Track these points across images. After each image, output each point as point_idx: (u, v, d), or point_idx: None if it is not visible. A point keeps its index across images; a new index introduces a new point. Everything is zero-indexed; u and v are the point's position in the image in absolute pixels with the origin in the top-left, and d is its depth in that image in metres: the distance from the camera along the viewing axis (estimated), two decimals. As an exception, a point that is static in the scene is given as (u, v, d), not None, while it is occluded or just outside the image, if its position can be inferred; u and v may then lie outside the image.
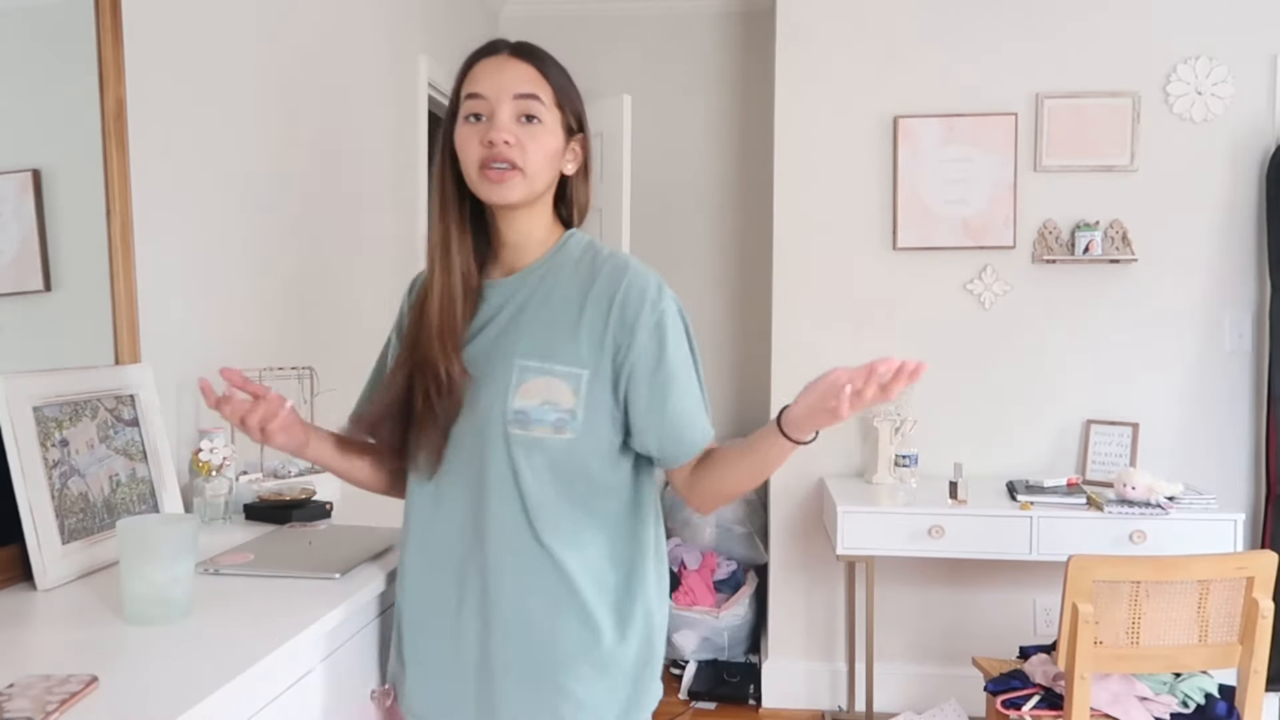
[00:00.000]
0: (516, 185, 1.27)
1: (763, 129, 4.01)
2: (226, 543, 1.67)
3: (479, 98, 1.27)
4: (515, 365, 1.27)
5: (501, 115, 1.26)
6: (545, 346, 1.27)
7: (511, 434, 1.26)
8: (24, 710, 0.94)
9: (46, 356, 1.54)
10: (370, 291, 2.84)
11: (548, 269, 1.33)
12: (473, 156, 1.27)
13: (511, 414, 1.26)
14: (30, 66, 1.56)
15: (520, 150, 1.26)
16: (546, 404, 1.26)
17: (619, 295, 1.28)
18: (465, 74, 1.31)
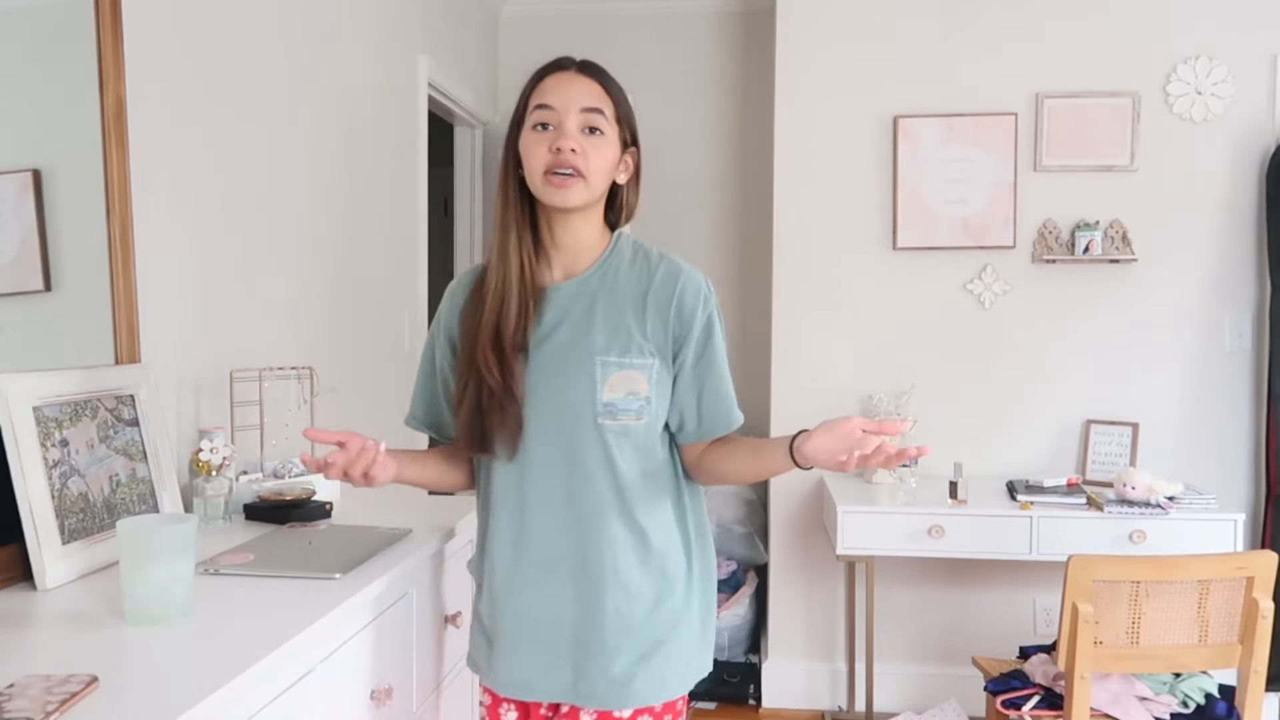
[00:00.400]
0: (578, 190, 1.38)
1: (763, 129, 4.01)
2: (226, 543, 1.67)
3: (548, 108, 1.40)
4: (596, 361, 1.40)
5: (569, 125, 1.38)
6: (620, 342, 1.41)
7: (602, 425, 1.40)
8: (24, 710, 0.94)
9: (46, 356, 1.54)
10: (370, 291, 2.84)
11: (607, 269, 1.46)
12: (539, 162, 1.38)
13: (601, 407, 1.40)
14: (30, 66, 1.56)
15: (584, 158, 1.38)
16: (630, 395, 1.40)
17: (677, 291, 1.44)
18: (534, 87, 1.44)
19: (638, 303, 1.43)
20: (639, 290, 1.44)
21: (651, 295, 1.43)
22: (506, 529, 1.46)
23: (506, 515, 1.46)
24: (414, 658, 1.70)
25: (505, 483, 1.46)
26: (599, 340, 1.41)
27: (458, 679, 1.98)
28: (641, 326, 1.42)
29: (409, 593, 1.67)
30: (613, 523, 1.43)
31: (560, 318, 1.43)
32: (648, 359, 1.41)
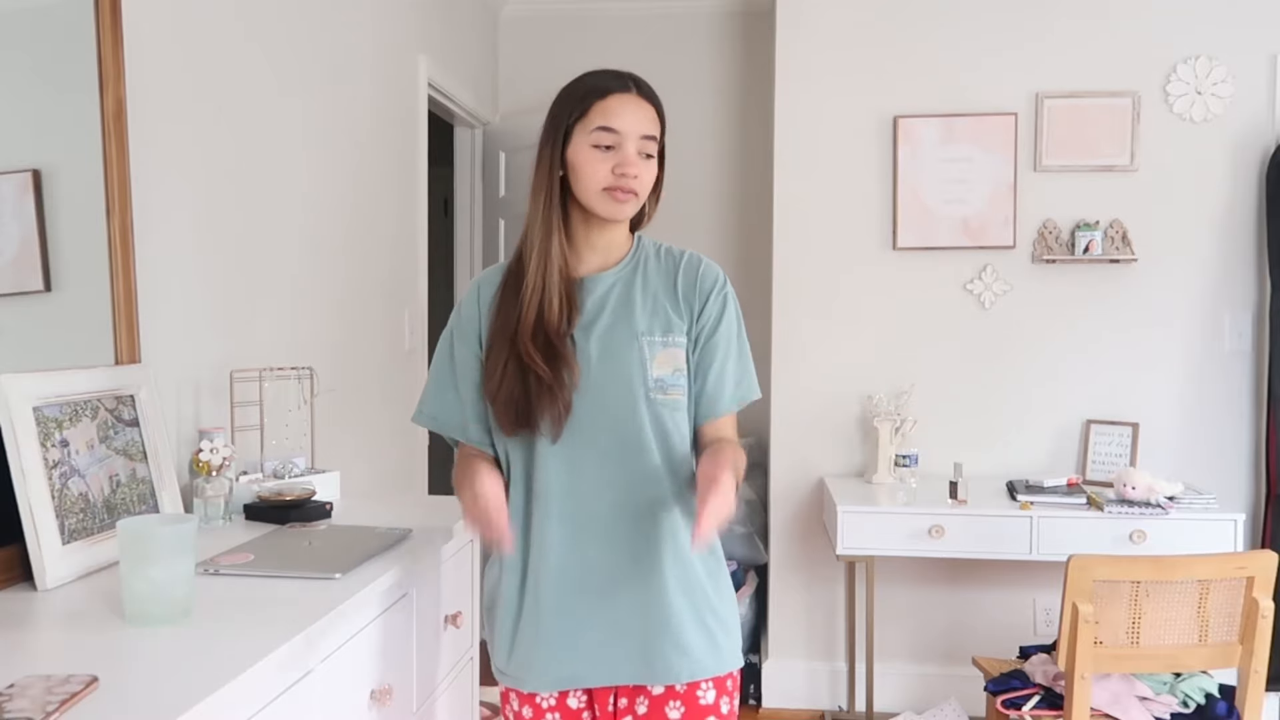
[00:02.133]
0: (632, 206, 1.51)
1: (763, 129, 4.01)
2: (226, 543, 1.67)
3: (612, 132, 1.47)
4: (642, 341, 1.49)
5: (629, 150, 1.48)
6: (660, 323, 1.51)
7: (654, 399, 1.49)
8: (24, 710, 0.94)
9: (46, 356, 1.54)
10: (370, 291, 2.84)
11: (637, 262, 1.56)
12: (599, 180, 1.47)
13: (653, 382, 1.49)
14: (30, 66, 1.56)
15: (640, 182, 1.49)
16: (676, 371, 1.50)
17: (698, 276, 1.55)
18: (595, 103, 1.48)
19: (669, 288, 1.54)
20: (669, 278, 1.55)
21: (680, 281, 1.55)
22: (559, 512, 1.48)
23: (557, 499, 1.48)
24: (414, 658, 1.70)
25: (552, 465, 1.48)
26: (641, 323, 1.50)
27: (458, 679, 1.98)
28: (676, 309, 1.53)
29: (409, 593, 1.67)
30: (667, 494, 1.49)
31: (601, 305, 1.52)
32: (681, 337, 1.52)
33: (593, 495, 1.48)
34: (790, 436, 3.47)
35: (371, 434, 2.84)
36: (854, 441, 3.44)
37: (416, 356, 3.20)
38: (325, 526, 1.81)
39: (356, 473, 2.64)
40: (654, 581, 1.48)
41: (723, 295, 1.56)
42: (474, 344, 1.54)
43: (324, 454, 2.34)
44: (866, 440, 3.40)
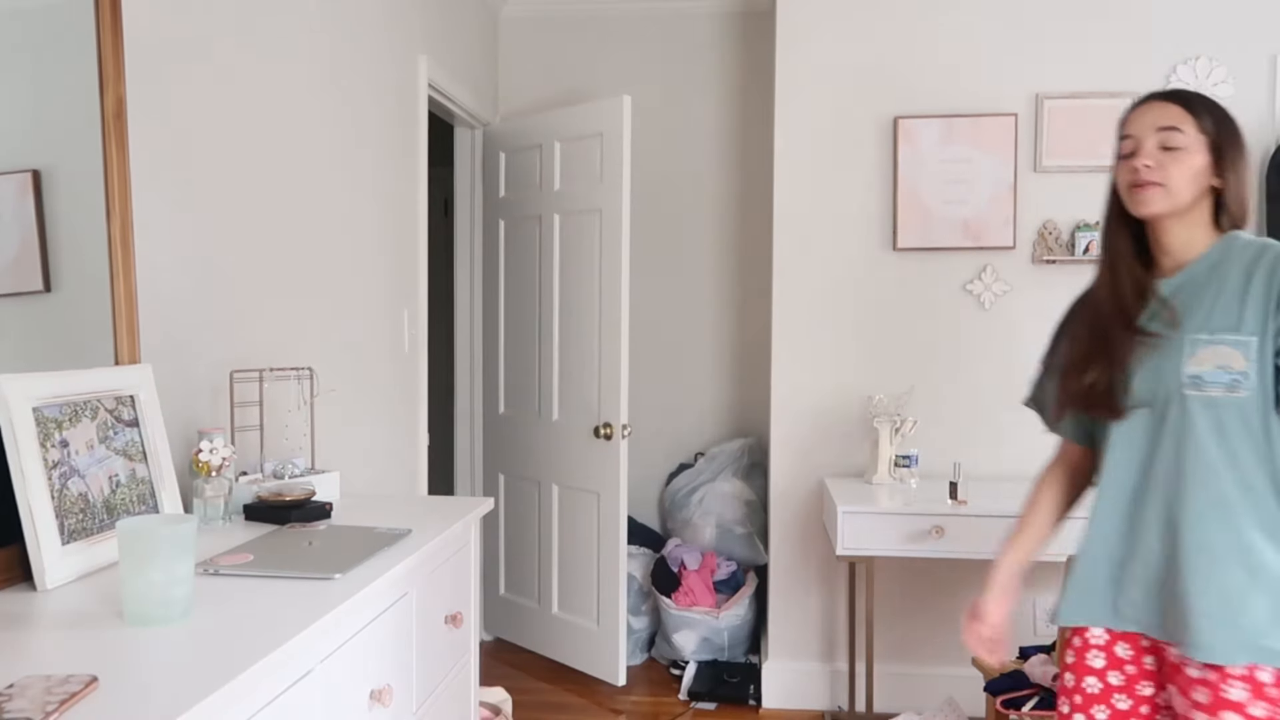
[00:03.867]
0: (1157, 198, 1.54)
1: (763, 129, 4.01)
2: (226, 543, 1.67)
3: (1129, 137, 1.58)
4: (1188, 340, 1.52)
5: (1146, 145, 1.56)
6: (1213, 321, 1.51)
7: (1187, 395, 1.51)
8: (24, 710, 0.94)
9: (46, 357, 1.54)
10: (371, 291, 2.84)
11: (1216, 261, 1.56)
12: (1123, 182, 1.59)
13: (1186, 378, 1.51)
14: (30, 66, 1.56)
15: (1161, 171, 1.54)
16: (1219, 368, 1.49)
17: (1265, 256, 1.52)
18: (1122, 123, 1.61)
19: (1239, 283, 1.52)
20: (1242, 272, 1.53)
21: (1253, 272, 1.52)
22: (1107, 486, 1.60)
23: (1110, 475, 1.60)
24: (414, 658, 1.70)
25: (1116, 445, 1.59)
26: (1193, 321, 1.53)
27: (458, 679, 1.98)
28: (1240, 303, 1.51)
29: (409, 593, 1.67)
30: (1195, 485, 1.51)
31: (1162, 305, 1.57)
32: (1244, 336, 1.49)
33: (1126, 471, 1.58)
34: (790, 436, 3.47)
35: (371, 434, 2.84)
36: (854, 442, 3.44)
37: (417, 356, 3.21)
38: (325, 527, 1.81)
39: (356, 473, 2.64)
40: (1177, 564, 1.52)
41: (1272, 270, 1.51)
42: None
43: (324, 454, 2.34)
44: (866, 440, 3.40)
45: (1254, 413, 1.50)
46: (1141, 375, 1.56)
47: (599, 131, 3.50)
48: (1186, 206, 1.57)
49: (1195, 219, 1.59)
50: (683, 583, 3.69)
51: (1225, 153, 1.60)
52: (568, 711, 3.40)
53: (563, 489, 3.72)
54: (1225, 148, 1.60)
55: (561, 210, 3.66)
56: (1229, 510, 1.49)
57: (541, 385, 3.78)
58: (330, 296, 2.57)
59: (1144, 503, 1.57)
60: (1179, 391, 1.52)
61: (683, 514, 3.88)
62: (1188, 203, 1.56)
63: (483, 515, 2.03)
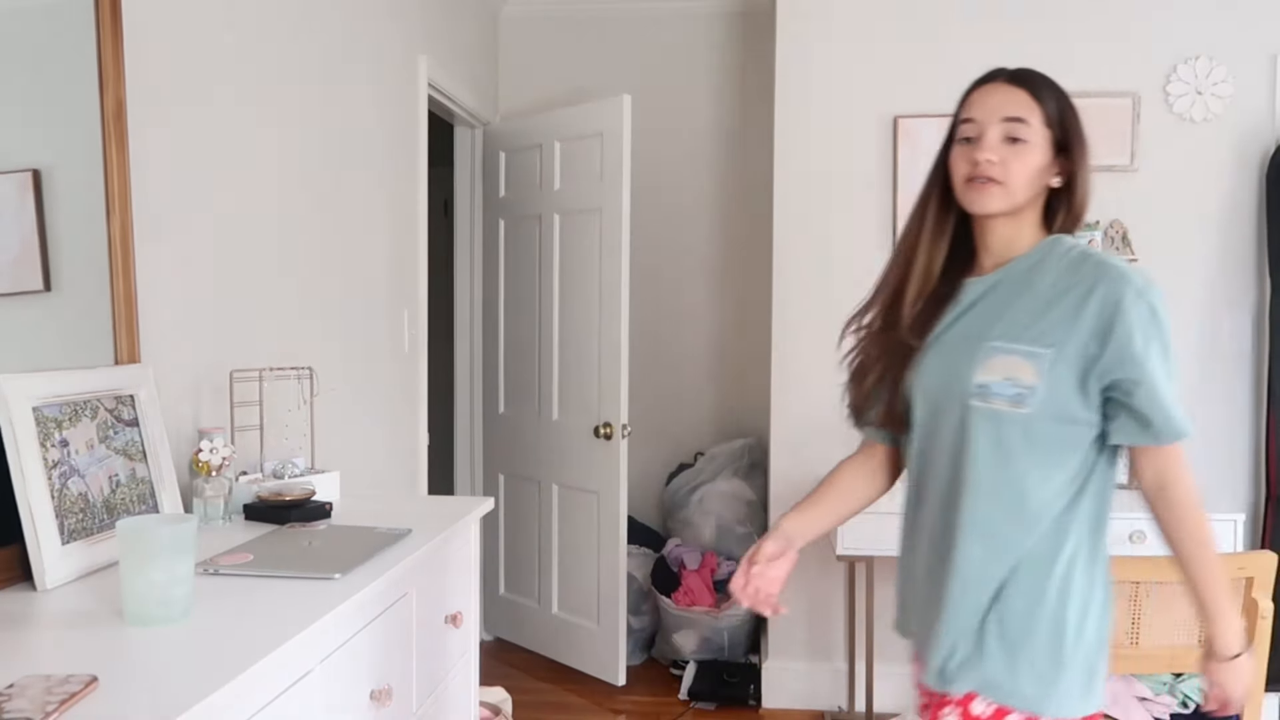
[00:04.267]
0: (995, 198, 1.41)
1: (763, 129, 4.01)
2: (226, 543, 1.67)
3: (971, 121, 1.43)
4: (984, 346, 1.39)
5: (990, 136, 1.41)
6: (1014, 329, 1.38)
7: (971, 405, 1.39)
8: (24, 710, 0.94)
9: (46, 356, 1.54)
10: (371, 291, 2.84)
11: (1033, 264, 1.43)
12: (960, 172, 1.43)
13: (974, 387, 1.38)
14: (30, 66, 1.56)
15: (1003, 168, 1.40)
16: (1008, 380, 1.37)
17: (1100, 286, 1.36)
18: (963, 101, 1.47)
19: (1047, 293, 1.39)
20: (1055, 283, 1.39)
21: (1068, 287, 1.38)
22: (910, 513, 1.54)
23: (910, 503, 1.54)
24: (414, 658, 1.70)
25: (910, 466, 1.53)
26: (995, 326, 1.41)
27: (458, 679, 1.98)
28: (1043, 314, 1.38)
29: (409, 593, 1.67)
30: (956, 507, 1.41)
31: (968, 306, 1.45)
32: (1039, 348, 1.36)
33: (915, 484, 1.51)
34: (790, 436, 3.47)
35: (371, 434, 2.84)
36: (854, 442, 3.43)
37: (417, 356, 3.20)
38: (325, 526, 1.81)
39: (356, 473, 2.64)
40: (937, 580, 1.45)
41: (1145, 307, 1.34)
42: None
43: (324, 454, 2.34)
44: (866, 440, 3.40)
45: (1038, 433, 1.37)
46: (928, 381, 1.45)
47: (599, 131, 3.50)
48: (1023, 205, 1.43)
49: (1025, 218, 1.45)
50: (683, 582, 3.69)
51: (1070, 148, 1.45)
52: (568, 711, 3.40)
53: (563, 489, 3.71)
54: (1070, 142, 1.45)
55: (561, 210, 3.66)
56: (994, 536, 1.38)
57: (541, 385, 3.78)
58: (330, 296, 2.57)
59: (919, 516, 1.49)
60: (965, 401, 1.39)
61: (683, 514, 3.88)
62: (1024, 202, 1.43)
63: (483, 515, 2.03)
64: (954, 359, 1.42)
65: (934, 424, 1.44)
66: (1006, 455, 1.37)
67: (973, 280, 1.47)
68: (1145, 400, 1.38)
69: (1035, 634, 1.36)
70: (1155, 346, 1.35)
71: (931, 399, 1.44)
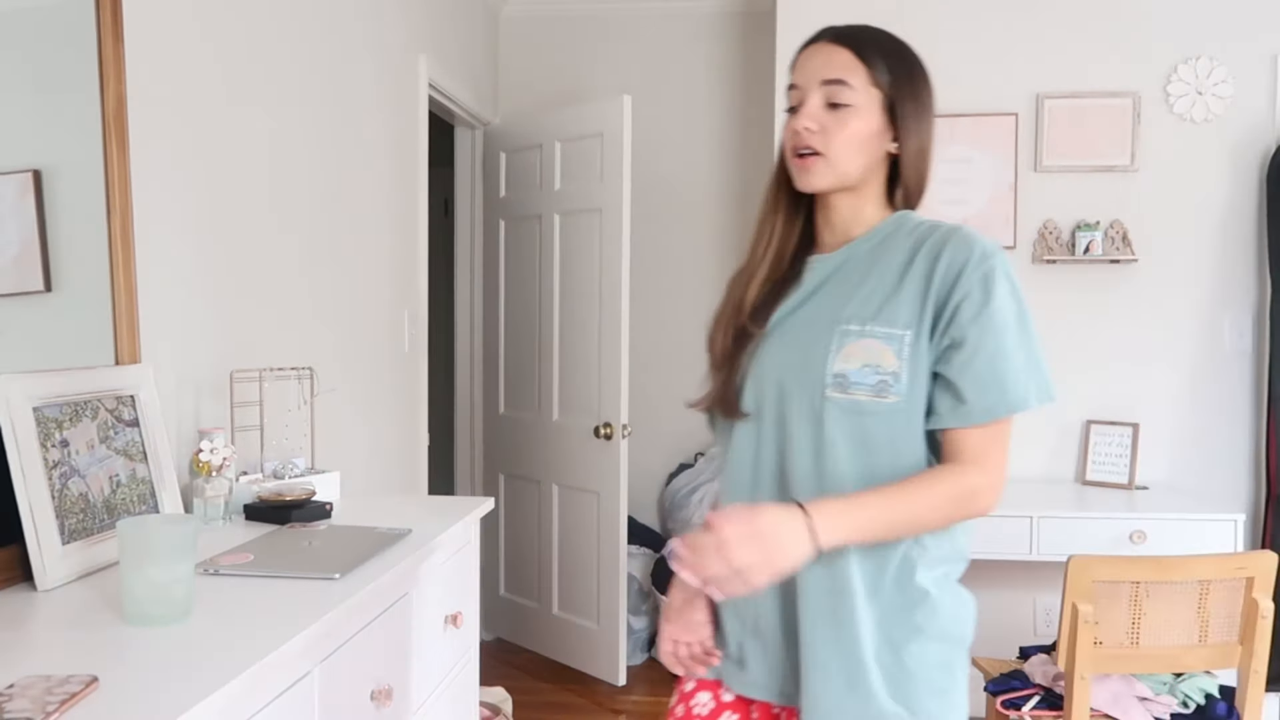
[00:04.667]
0: (818, 171, 1.27)
1: (763, 129, 4.00)
2: (226, 543, 1.67)
3: (795, 88, 1.30)
4: (837, 330, 1.25)
5: (810, 103, 1.27)
6: (867, 310, 1.25)
7: (830, 397, 1.23)
8: (24, 710, 0.94)
9: (46, 356, 1.54)
10: (371, 291, 2.84)
11: (878, 242, 1.30)
12: (786, 146, 1.31)
13: (831, 377, 1.23)
14: (30, 66, 1.56)
15: (822, 137, 1.26)
16: (867, 367, 1.22)
17: (944, 255, 1.23)
18: (791, 66, 1.34)
19: (898, 269, 1.26)
20: (904, 258, 1.26)
21: (915, 259, 1.25)
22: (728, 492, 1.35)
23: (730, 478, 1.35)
24: (414, 658, 1.70)
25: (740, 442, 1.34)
26: (846, 308, 1.26)
27: (458, 679, 1.98)
28: (896, 292, 1.24)
29: (409, 593, 1.67)
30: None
31: (815, 286, 1.31)
32: (897, 329, 1.22)
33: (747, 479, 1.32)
34: (790, 436, 3.47)
35: (371, 434, 2.84)
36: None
37: (417, 356, 3.20)
38: (325, 527, 1.81)
39: (356, 473, 2.64)
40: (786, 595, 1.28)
41: (984, 272, 1.21)
42: None
43: (324, 454, 2.34)
44: (866, 440, 3.40)
45: (903, 427, 1.23)
46: (773, 369, 1.29)
47: (599, 131, 3.49)
48: (857, 179, 1.29)
49: (866, 192, 1.31)
50: (683, 583, 3.69)
51: (903, 111, 1.30)
52: (568, 711, 3.40)
53: (563, 489, 3.71)
54: (903, 104, 1.30)
55: (561, 210, 3.66)
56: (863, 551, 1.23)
57: (541, 385, 3.78)
58: (330, 296, 2.57)
59: None
60: (820, 393, 1.24)
61: (683, 514, 3.88)
62: (858, 174, 1.28)
63: (483, 515, 2.03)
64: (803, 345, 1.27)
65: (781, 417, 1.28)
66: (871, 451, 1.23)
67: (816, 259, 1.33)
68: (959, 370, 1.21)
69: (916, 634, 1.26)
70: (995, 309, 1.20)
71: (777, 389, 1.28)
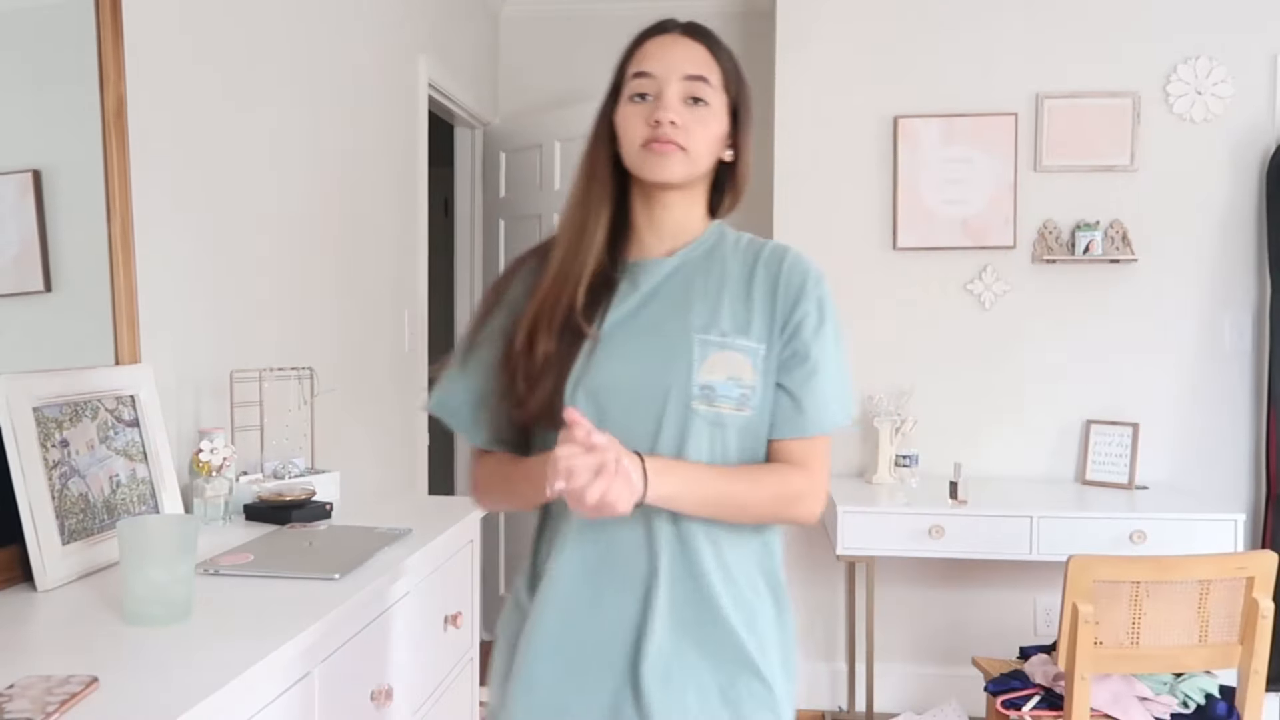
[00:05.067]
0: (678, 164, 1.24)
1: (763, 129, 4.00)
2: (226, 543, 1.67)
3: (647, 76, 1.25)
4: (695, 340, 1.22)
5: (669, 95, 1.23)
6: (724, 322, 1.24)
7: (696, 409, 1.21)
8: (24, 710, 0.94)
9: (46, 356, 1.54)
10: (371, 291, 2.84)
11: (708, 249, 1.30)
12: (636, 135, 1.24)
13: (697, 390, 1.21)
14: (30, 66, 1.56)
15: (686, 133, 1.23)
16: (731, 380, 1.22)
17: (784, 271, 1.28)
18: (633, 52, 1.28)
19: (743, 283, 1.27)
20: (745, 271, 1.28)
21: (758, 275, 1.28)
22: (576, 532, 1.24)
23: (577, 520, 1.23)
24: (414, 658, 1.70)
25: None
26: (696, 317, 1.24)
27: (458, 679, 1.98)
28: (748, 307, 1.25)
29: (409, 593, 1.67)
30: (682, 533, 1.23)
31: (652, 291, 1.27)
32: (753, 343, 1.23)
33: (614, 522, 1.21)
34: (790, 436, 3.47)
35: (371, 434, 2.84)
36: (854, 441, 3.44)
37: (417, 357, 3.20)
38: (325, 527, 1.81)
39: (356, 473, 2.64)
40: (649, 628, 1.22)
41: (819, 295, 1.28)
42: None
43: (324, 454, 2.34)
44: (866, 440, 3.40)
45: (753, 438, 1.24)
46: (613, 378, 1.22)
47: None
48: (700, 179, 1.28)
49: (698, 195, 1.30)
50: (683, 583, 3.69)
51: (744, 119, 1.29)
52: (568, 711, 3.40)
53: (563, 489, 3.71)
54: (744, 113, 1.29)
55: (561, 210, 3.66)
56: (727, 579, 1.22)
57: (541, 385, 3.77)
58: (330, 296, 2.57)
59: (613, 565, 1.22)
60: (686, 404, 1.20)
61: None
62: (703, 175, 1.28)
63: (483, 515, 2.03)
64: (657, 354, 1.22)
65: (629, 427, 1.20)
66: (727, 463, 1.23)
67: (647, 262, 1.28)
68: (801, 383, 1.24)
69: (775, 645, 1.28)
70: (828, 329, 1.26)
71: (627, 399, 1.22)
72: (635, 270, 1.28)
